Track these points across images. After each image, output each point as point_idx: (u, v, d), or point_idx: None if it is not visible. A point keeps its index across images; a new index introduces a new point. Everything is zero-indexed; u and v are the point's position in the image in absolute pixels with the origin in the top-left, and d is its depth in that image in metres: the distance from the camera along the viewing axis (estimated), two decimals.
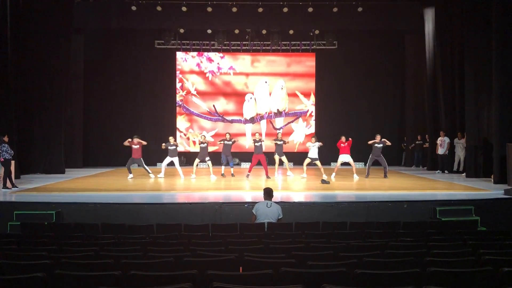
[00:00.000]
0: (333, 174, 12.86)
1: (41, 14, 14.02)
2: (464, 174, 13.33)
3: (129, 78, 18.26)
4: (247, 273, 4.06)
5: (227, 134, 13.74)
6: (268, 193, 7.26)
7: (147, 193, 10.31)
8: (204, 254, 4.68)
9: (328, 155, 15.80)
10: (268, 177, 12.74)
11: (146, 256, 4.67)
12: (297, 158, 17.27)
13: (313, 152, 12.82)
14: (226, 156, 13.40)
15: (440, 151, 14.54)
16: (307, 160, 12.94)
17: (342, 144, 12.73)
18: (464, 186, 10.96)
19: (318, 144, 12.78)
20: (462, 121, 13.80)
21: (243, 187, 11.17)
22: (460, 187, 10.97)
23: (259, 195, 8.26)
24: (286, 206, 8.21)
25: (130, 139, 13.02)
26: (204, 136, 13.83)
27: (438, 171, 14.64)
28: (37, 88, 14.31)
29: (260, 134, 14.33)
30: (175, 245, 5.26)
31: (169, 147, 12.93)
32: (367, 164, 13.26)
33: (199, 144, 13.31)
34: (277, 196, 8.94)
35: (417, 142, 17.18)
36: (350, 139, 12.82)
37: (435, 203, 8.77)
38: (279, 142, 13.15)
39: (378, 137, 12.93)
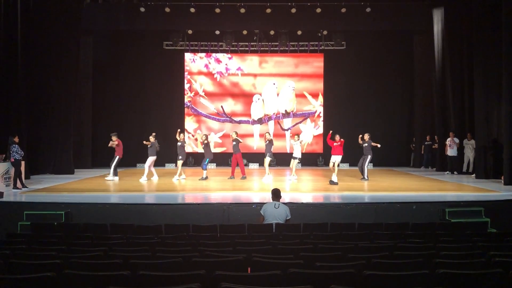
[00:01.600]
0: (334, 175, 12.41)
1: (51, 16, 14.15)
2: (474, 175, 13.24)
3: (138, 79, 18.35)
4: (255, 273, 4.07)
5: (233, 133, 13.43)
6: (275, 194, 7.26)
7: (155, 194, 10.35)
8: (212, 254, 4.68)
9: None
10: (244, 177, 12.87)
11: (155, 257, 4.69)
12: (304, 159, 17.22)
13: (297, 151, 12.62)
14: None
15: (449, 152, 14.45)
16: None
17: (335, 144, 12.41)
18: (474, 187, 10.87)
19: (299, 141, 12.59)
20: (471, 121, 13.70)
21: (251, 188, 11.16)
22: (470, 188, 10.88)
23: (267, 196, 8.26)
24: (294, 207, 8.20)
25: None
26: (206, 135, 13.47)
27: (447, 172, 14.55)
28: (46, 89, 14.44)
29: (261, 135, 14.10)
30: (184, 246, 5.28)
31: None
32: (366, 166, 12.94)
33: (201, 144, 13.23)
34: (285, 197, 8.93)
35: (426, 143, 17.07)
36: (342, 139, 12.55)
37: (444, 204, 8.71)
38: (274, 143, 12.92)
39: (366, 136, 12.81)
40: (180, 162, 12.99)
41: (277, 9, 15.64)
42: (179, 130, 13.55)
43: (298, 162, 12.85)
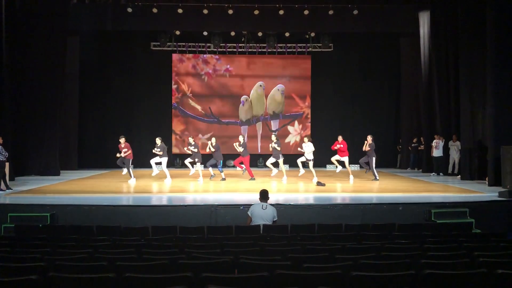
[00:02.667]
0: (352, 177, 12.75)
1: (37, 15, 14.01)
2: (459, 176, 13.39)
3: (125, 80, 18.24)
4: (242, 275, 4.06)
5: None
6: (263, 195, 7.25)
7: (142, 196, 10.28)
8: (199, 256, 4.66)
9: (323, 157, 15.77)
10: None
11: (141, 259, 4.65)
12: (291, 160, 17.25)
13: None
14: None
15: (435, 153, 14.59)
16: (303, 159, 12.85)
17: (338, 145, 12.69)
18: (459, 189, 10.99)
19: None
20: (457, 123, 13.86)
21: (238, 189, 11.15)
22: (455, 189, 11.00)
23: (255, 197, 8.24)
24: (282, 208, 8.22)
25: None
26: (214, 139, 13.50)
27: (433, 173, 14.69)
28: (32, 89, 14.26)
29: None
30: (170, 248, 5.25)
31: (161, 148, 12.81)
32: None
33: (191, 147, 13.16)
34: (273, 198, 8.93)
35: (412, 144, 17.23)
36: (343, 141, 12.76)
37: (430, 206, 8.78)
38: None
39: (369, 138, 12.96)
40: (199, 165, 12.96)
41: (265, 11, 15.66)
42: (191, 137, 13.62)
43: (308, 162, 12.82)
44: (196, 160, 12.95)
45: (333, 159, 13.09)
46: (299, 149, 12.96)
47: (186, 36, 17.89)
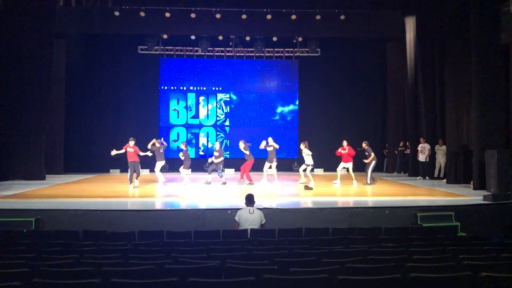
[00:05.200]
0: (355, 182, 12.83)
1: (23, 18, 13.84)
2: (445, 180, 13.52)
3: (112, 84, 18.12)
4: (229, 280, 4.05)
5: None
6: (249, 199, 7.24)
7: (129, 200, 10.21)
8: (186, 261, 4.64)
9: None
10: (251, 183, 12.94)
11: (127, 264, 4.62)
12: (278, 164, 17.28)
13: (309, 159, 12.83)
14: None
15: (421, 157, 14.74)
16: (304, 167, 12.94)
17: (342, 151, 12.84)
18: (445, 192, 11.10)
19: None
20: (442, 128, 14.01)
21: (225, 194, 11.13)
22: (441, 193, 11.11)
23: (242, 201, 8.24)
24: (269, 212, 8.21)
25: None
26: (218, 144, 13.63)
27: (419, 177, 14.82)
28: (17, 93, 14.06)
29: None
30: (157, 252, 5.22)
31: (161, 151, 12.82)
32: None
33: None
34: (260, 202, 8.93)
35: (399, 148, 17.37)
36: (349, 146, 12.96)
37: (416, 209, 8.85)
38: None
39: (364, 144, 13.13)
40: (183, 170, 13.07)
41: (253, 15, 15.71)
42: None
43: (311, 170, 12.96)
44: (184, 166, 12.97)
45: (339, 170, 13.16)
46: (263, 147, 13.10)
47: (174, 39, 17.86)
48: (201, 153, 17.43)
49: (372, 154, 12.82)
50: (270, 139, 13.16)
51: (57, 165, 16.25)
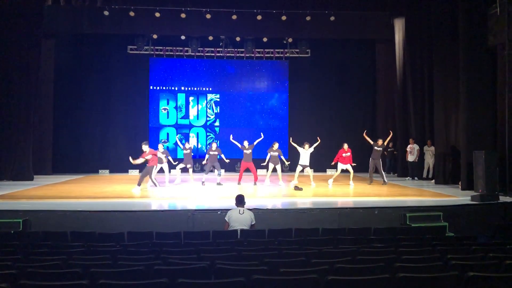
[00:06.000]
0: (352, 183, 12.94)
1: (10, 17, 13.70)
2: (433, 180, 13.64)
3: (101, 83, 18.00)
4: (218, 281, 4.04)
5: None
6: (240, 200, 7.24)
7: (118, 201, 10.13)
8: (176, 262, 4.63)
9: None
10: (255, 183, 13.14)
11: (116, 265, 4.59)
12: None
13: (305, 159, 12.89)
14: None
15: (410, 158, 14.85)
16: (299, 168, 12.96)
17: (344, 154, 12.88)
18: (433, 193, 11.20)
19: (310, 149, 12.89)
20: (431, 129, 14.13)
21: (215, 194, 11.11)
22: (429, 193, 11.20)
23: (232, 202, 8.23)
24: (259, 213, 8.22)
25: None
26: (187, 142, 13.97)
27: (408, 177, 14.93)
28: (5, 93, 13.92)
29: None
30: (146, 253, 5.20)
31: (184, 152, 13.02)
32: (369, 171, 13.57)
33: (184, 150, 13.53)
34: (250, 203, 8.93)
35: (388, 149, 17.45)
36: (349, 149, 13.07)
37: (405, 209, 8.92)
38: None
39: (380, 141, 13.30)
40: (191, 170, 13.32)
41: (243, 16, 15.69)
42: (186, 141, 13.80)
43: (301, 171, 13.02)
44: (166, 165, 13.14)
45: (337, 172, 13.24)
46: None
47: (164, 39, 17.79)
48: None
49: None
50: (245, 143, 13.23)
51: (45, 166, 16.10)
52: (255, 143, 13.41)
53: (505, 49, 10.94)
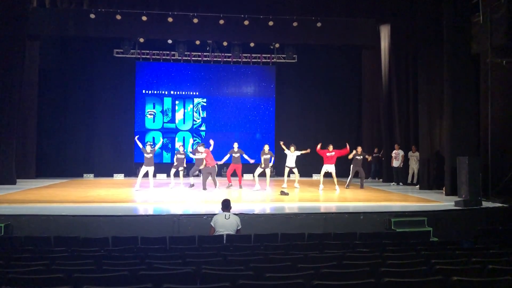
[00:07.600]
0: (338, 187, 13.03)
1: None
2: (418, 186, 13.77)
3: (86, 87, 17.86)
4: (204, 286, 4.03)
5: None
6: (225, 204, 7.22)
7: (103, 205, 10.01)
8: (161, 267, 4.59)
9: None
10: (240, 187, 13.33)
11: (100, 270, 4.54)
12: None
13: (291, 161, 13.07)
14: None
15: (395, 163, 14.98)
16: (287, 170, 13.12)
17: (328, 154, 12.95)
18: (418, 198, 11.30)
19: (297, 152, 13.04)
20: (416, 134, 14.28)
21: (201, 199, 11.06)
22: (414, 199, 11.29)
23: (218, 207, 8.21)
24: (245, 218, 8.20)
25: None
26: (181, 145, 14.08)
27: (393, 183, 15.05)
28: None
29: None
30: (131, 259, 5.15)
31: (145, 155, 12.53)
32: (349, 176, 13.82)
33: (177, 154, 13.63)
34: (236, 208, 8.91)
35: (374, 154, 17.58)
36: (335, 150, 13.23)
37: (390, 214, 8.97)
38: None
39: (359, 149, 13.53)
40: (181, 173, 13.40)
41: (230, 21, 15.72)
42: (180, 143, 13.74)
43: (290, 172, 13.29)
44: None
45: (322, 173, 13.26)
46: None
47: (150, 43, 17.72)
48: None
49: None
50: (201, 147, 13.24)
51: (28, 170, 15.86)
52: (244, 155, 13.47)
53: (488, 56, 11.12)
